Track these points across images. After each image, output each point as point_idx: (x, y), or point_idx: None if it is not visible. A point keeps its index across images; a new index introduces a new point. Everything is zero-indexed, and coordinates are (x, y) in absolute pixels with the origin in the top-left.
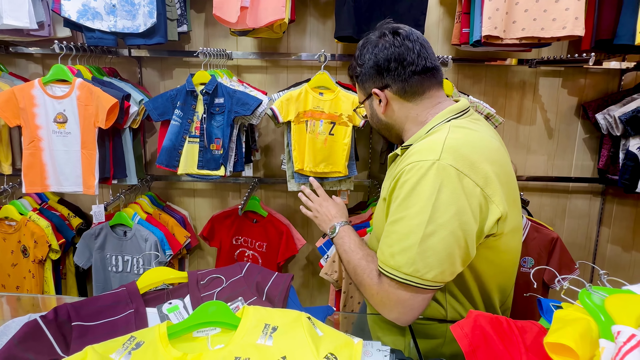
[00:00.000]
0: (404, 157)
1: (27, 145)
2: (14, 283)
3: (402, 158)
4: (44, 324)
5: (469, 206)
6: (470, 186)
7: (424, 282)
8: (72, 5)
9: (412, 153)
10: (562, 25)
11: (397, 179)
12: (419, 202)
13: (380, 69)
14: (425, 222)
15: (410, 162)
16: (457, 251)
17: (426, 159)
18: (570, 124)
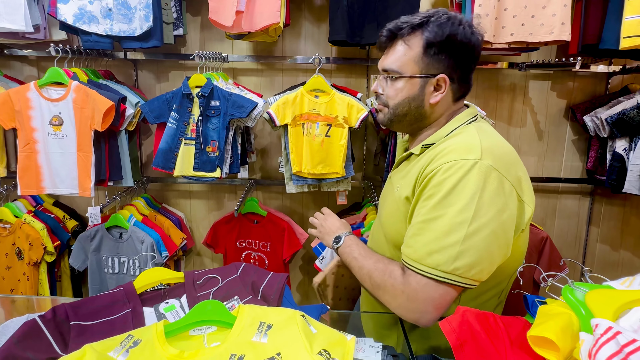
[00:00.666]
0: (431, 155)
1: (22, 148)
2: (9, 286)
3: (425, 157)
4: (43, 324)
5: (508, 206)
6: (508, 187)
7: (463, 280)
8: (68, 8)
9: (446, 152)
10: (549, 30)
11: (431, 177)
12: (461, 200)
13: (458, 55)
14: (469, 220)
15: (448, 160)
16: (497, 250)
17: (467, 158)
18: (560, 126)
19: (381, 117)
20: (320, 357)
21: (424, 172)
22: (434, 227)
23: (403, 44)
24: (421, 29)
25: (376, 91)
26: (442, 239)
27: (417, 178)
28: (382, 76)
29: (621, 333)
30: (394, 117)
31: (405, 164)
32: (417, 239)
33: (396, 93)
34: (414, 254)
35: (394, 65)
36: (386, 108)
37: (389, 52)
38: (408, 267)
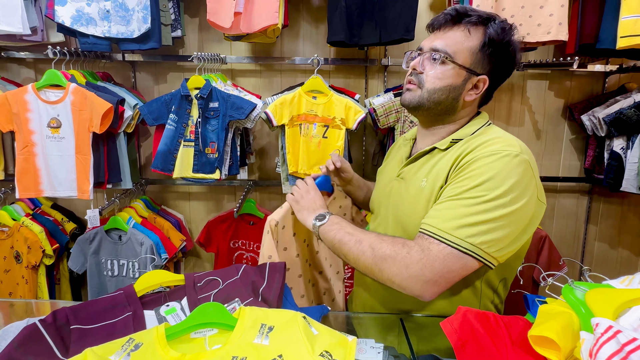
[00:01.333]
0: (466, 148)
1: (20, 151)
2: (7, 289)
3: (454, 150)
4: (43, 328)
5: (533, 199)
6: (536, 182)
7: (485, 256)
8: (65, 11)
9: (489, 144)
10: (546, 30)
11: (472, 162)
12: (502, 185)
13: (504, 63)
14: (506, 204)
15: (493, 150)
16: (519, 236)
17: (510, 150)
18: (558, 125)
19: (409, 97)
20: (322, 358)
21: (462, 159)
22: (469, 204)
23: (465, 31)
24: (487, 24)
25: (415, 67)
26: (477, 215)
27: (452, 166)
28: (427, 54)
29: (621, 332)
30: (426, 102)
31: (427, 158)
32: (448, 212)
33: (440, 77)
34: (443, 224)
35: (449, 48)
36: (419, 89)
37: (446, 33)
38: (431, 235)
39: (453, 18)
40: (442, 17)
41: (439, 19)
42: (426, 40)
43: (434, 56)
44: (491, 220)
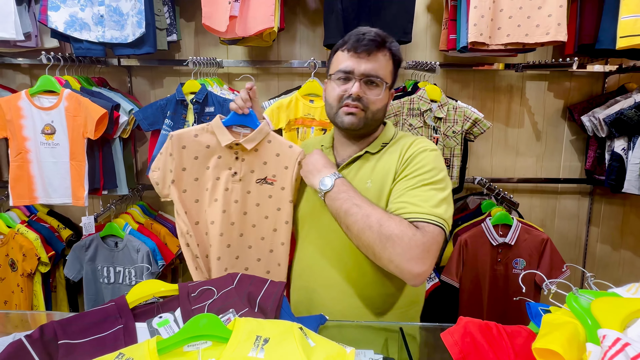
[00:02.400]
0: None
1: (14, 158)
2: (2, 298)
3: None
4: (29, 344)
5: None
6: None
7: (448, 226)
8: (59, 16)
9: (417, 142)
10: (545, 31)
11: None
12: (439, 173)
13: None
14: (446, 184)
15: (424, 147)
16: None
17: (432, 147)
18: (557, 126)
19: (356, 120)
20: None
21: (405, 157)
22: (429, 189)
23: (386, 55)
24: (391, 45)
25: (359, 94)
26: (437, 196)
27: (397, 163)
28: (365, 79)
29: (630, 345)
30: (370, 122)
31: (361, 162)
32: (418, 198)
33: (378, 100)
34: (423, 209)
35: (381, 72)
36: (363, 112)
37: (374, 59)
38: (422, 220)
39: (379, 44)
40: (369, 43)
41: (364, 44)
42: (352, 63)
43: (373, 80)
44: (444, 199)
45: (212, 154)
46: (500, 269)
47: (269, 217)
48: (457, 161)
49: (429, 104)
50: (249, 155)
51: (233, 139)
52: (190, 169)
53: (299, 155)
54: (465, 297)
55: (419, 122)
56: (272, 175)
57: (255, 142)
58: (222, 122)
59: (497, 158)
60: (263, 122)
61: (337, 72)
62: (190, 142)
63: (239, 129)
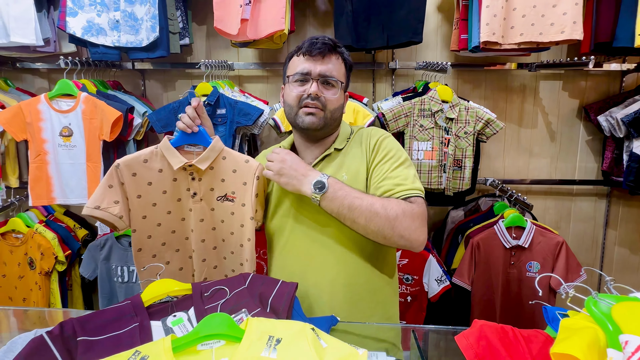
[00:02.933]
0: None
1: (33, 159)
2: (21, 295)
3: (351, 145)
4: (50, 340)
5: None
6: None
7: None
8: (77, 22)
9: (374, 133)
10: (560, 29)
11: (377, 146)
12: (403, 154)
13: (350, 71)
14: (410, 161)
15: (381, 135)
16: None
17: (387, 133)
18: (573, 127)
19: (317, 120)
20: None
21: (371, 146)
22: (402, 168)
23: (339, 59)
24: (342, 50)
25: (317, 93)
26: (410, 173)
27: (367, 153)
28: (322, 79)
29: None
30: (329, 121)
31: (328, 160)
32: (398, 178)
33: (335, 99)
34: (406, 187)
35: (336, 73)
36: (322, 112)
37: (329, 61)
38: (410, 195)
39: (331, 48)
40: (322, 46)
41: (318, 47)
42: (309, 65)
43: (329, 81)
44: (415, 174)
45: (166, 177)
46: (513, 272)
47: (234, 233)
48: (469, 162)
49: (440, 105)
50: (205, 175)
51: (185, 161)
52: (145, 196)
53: (256, 169)
54: (477, 300)
55: (430, 123)
56: (232, 192)
57: (210, 161)
58: (170, 142)
59: (510, 159)
60: (215, 138)
61: (295, 74)
62: (140, 168)
63: (191, 148)
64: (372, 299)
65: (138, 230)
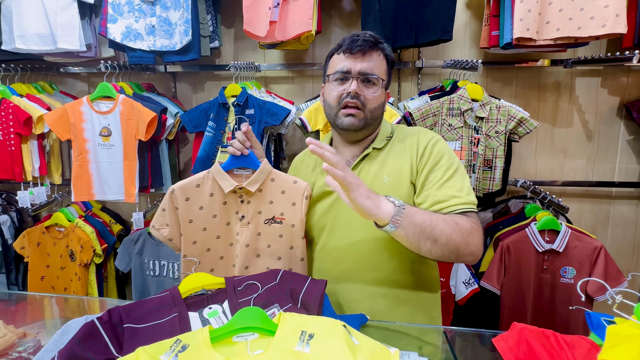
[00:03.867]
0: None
1: (76, 157)
2: (62, 285)
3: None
4: (100, 325)
5: None
6: None
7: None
8: (116, 28)
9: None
10: (601, 23)
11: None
12: (455, 160)
13: (392, 68)
14: (462, 167)
15: (430, 139)
16: None
17: (437, 136)
18: (612, 126)
19: (354, 121)
20: None
21: (419, 151)
22: (456, 179)
23: (380, 55)
24: (384, 46)
25: (357, 92)
26: (465, 185)
27: (411, 156)
28: (360, 78)
29: None
30: (370, 121)
31: (370, 159)
32: (453, 189)
33: (375, 97)
34: (461, 199)
35: (377, 71)
36: (362, 112)
37: (369, 58)
38: (467, 210)
39: (372, 45)
40: (363, 43)
41: (359, 44)
42: (349, 63)
43: (369, 79)
44: (469, 184)
45: (217, 201)
46: (546, 277)
47: (281, 258)
48: (499, 162)
49: (470, 104)
50: (254, 197)
51: (236, 184)
52: (197, 220)
53: (305, 189)
54: (507, 305)
55: (458, 122)
56: (280, 213)
57: (259, 183)
58: (221, 166)
59: (542, 160)
60: (263, 161)
61: (335, 72)
62: (193, 193)
63: (240, 171)
64: (413, 306)
65: (188, 256)
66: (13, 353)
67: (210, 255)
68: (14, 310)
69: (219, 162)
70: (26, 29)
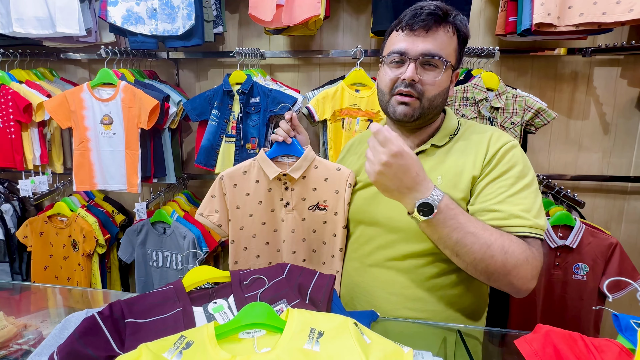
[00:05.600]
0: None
1: (77, 146)
2: (66, 275)
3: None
4: (101, 320)
5: None
6: None
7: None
8: (117, 11)
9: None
10: (628, 7)
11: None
12: (530, 171)
13: (464, 45)
14: (536, 183)
15: (504, 142)
16: None
17: (515, 140)
18: (631, 118)
19: (409, 111)
20: None
21: (488, 153)
22: (527, 193)
23: (449, 31)
24: (456, 21)
25: (413, 79)
26: (536, 203)
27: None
28: (421, 60)
29: None
30: (427, 111)
31: (427, 155)
32: (519, 207)
33: (439, 83)
34: (526, 221)
35: (443, 51)
36: (418, 101)
37: (434, 36)
38: (531, 235)
39: (438, 19)
40: (427, 17)
41: (422, 19)
42: (407, 44)
43: (430, 62)
44: (541, 204)
45: (262, 188)
46: (558, 274)
47: (326, 243)
48: None
49: (485, 93)
50: (297, 184)
51: (280, 170)
52: (244, 206)
53: (348, 177)
54: (517, 302)
55: (472, 113)
56: (324, 200)
57: (302, 170)
58: (266, 154)
59: (556, 153)
60: (307, 148)
61: (390, 54)
62: (240, 179)
63: (284, 159)
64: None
65: (236, 242)
66: (13, 345)
67: (257, 241)
68: (17, 300)
69: (264, 149)
70: (24, 12)
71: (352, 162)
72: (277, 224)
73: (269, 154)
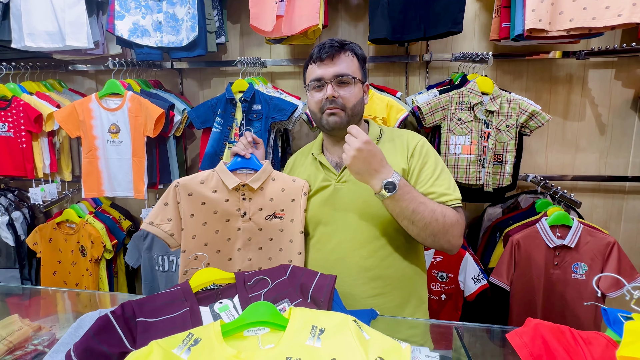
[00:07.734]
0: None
1: (85, 154)
2: (74, 280)
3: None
4: (114, 319)
5: None
6: None
7: None
8: (124, 24)
9: (411, 136)
10: (617, 12)
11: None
12: (440, 160)
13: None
14: (446, 167)
15: (419, 140)
16: None
17: (423, 138)
18: (626, 119)
19: (337, 119)
20: None
21: (409, 150)
22: (444, 177)
23: (349, 55)
24: (351, 47)
25: (333, 96)
26: (451, 181)
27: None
28: (335, 81)
29: None
30: (351, 117)
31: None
32: (443, 187)
33: (352, 95)
34: (449, 196)
35: (349, 71)
36: (343, 111)
37: (339, 61)
38: (455, 205)
39: (339, 48)
40: (329, 49)
41: (326, 50)
42: (321, 71)
43: (342, 80)
44: (452, 179)
45: (219, 198)
46: (557, 273)
47: (283, 250)
48: (510, 157)
49: (480, 97)
50: (255, 195)
51: (239, 181)
52: (198, 215)
53: (303, 186)
54: (517, 301)
55: (468, 116)
56: (280, 209)
57: (261, 181)
58: (226, 167)
59: (553, 154)
60: (266, 162)
61: (311, 82)
62: (197, 188)
63: (243, 171)
64: (405, 289)
65: (187, 251)
66: (29, 346)
67: (208, 249)
68: (28, 305)
69: (224, 162)
70: (35, 27)
71: (300, 172)
72: (231, 233)
73: (229, 167)
